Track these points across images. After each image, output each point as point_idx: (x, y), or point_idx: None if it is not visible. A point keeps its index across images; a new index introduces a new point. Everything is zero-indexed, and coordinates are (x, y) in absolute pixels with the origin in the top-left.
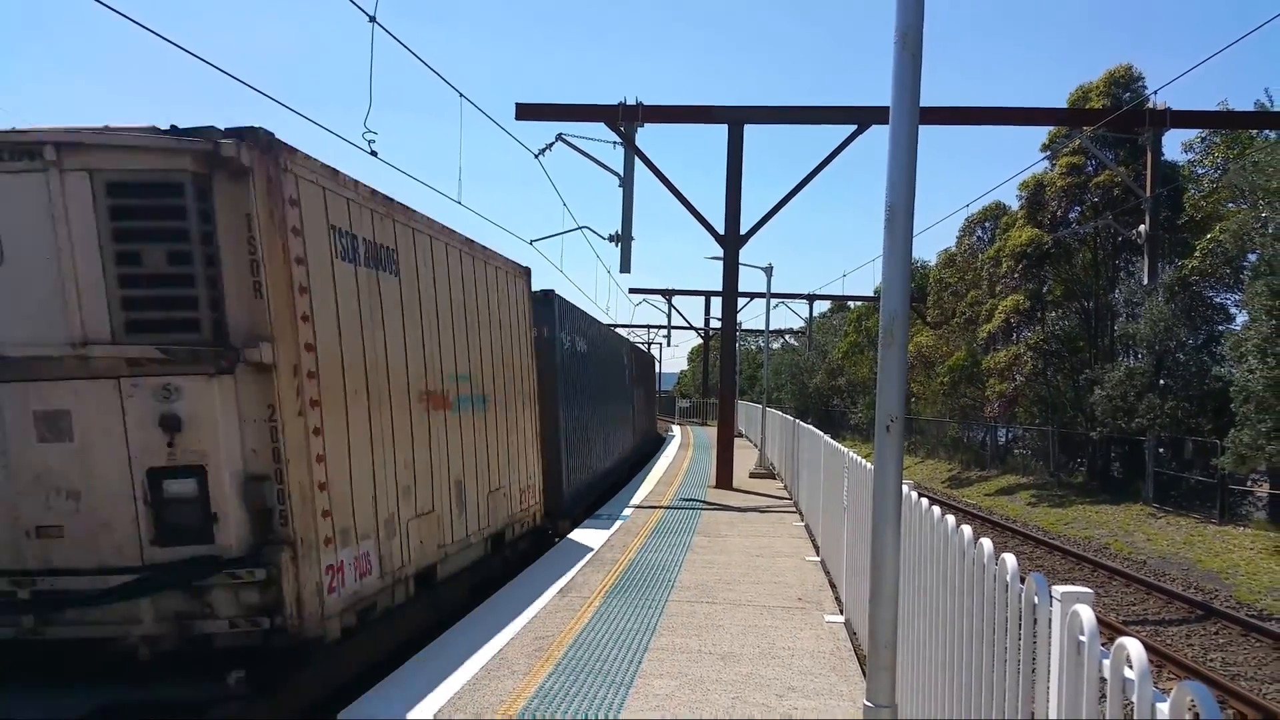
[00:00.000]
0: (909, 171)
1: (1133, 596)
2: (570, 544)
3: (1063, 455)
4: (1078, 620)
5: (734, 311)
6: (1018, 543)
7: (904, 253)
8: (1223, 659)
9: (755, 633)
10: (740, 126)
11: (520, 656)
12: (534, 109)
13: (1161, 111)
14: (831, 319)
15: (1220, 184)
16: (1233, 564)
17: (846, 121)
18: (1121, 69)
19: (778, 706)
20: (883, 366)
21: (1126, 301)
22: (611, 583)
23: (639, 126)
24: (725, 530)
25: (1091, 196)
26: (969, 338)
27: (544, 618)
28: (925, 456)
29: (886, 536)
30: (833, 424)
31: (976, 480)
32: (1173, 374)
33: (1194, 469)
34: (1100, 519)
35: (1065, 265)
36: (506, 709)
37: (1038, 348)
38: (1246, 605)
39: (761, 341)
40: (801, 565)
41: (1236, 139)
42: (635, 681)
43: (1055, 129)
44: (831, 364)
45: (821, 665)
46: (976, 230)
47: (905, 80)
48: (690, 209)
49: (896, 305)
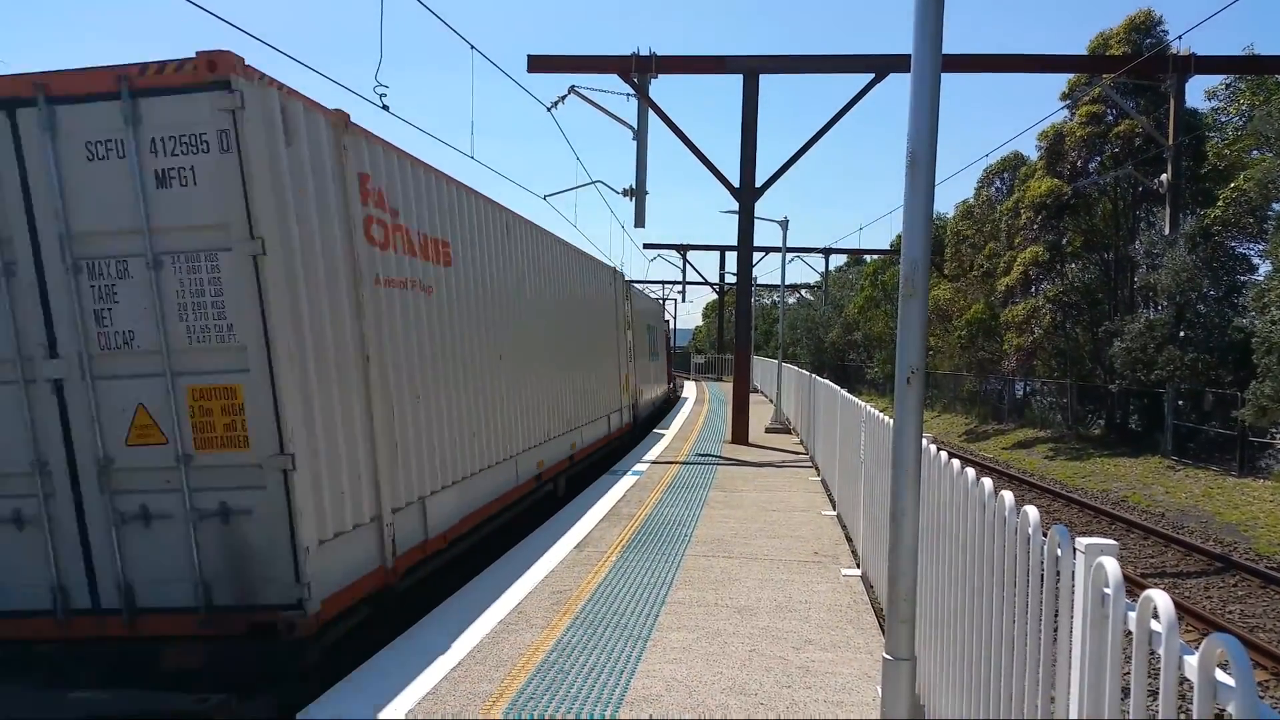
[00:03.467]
0: (931, 117)
1: (1151, 549)
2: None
3: (1081, 408)
4: (1103, 573)
5: (749, 265)
6: (1035, 495)
7: (926, 201)
8: (1241, 611)
9: (772, 586)
10: (755, 77)
11: (539, 610)
12: (546, 61)
13: (1185, 57)
14: (847, 273)
15: (1245, 131)
16: (1252, 516)
17: (864, 70)
18: (1141, 14)
19: (794, 659)
20: (903, 317)
21: (1147, 252)
22: (628, 537)
23: (653, 78)
24: (741, 485)
25: (1112, 146)
26: (987, 290)
27: (561, 572)
28: (942, 410)
29: (906, 489)
30: (848, 379)
31: (994, 434)
32: (1193, 326)
33: (1213, 421)
34: (1119, 472)
35: (1085, 216)
36: (526, 660)
37: (1056, 300)
38: (1266, 558)
39: (777, 296)
40: (818, 519)
41: (1262, 85)
42: (653, 635)
43: (1075, 77)
44: (847, 319)
45: (838, 618)
46: (995, 181)
47: (928, 23)
48: (705, 161)
49: (918, 254)
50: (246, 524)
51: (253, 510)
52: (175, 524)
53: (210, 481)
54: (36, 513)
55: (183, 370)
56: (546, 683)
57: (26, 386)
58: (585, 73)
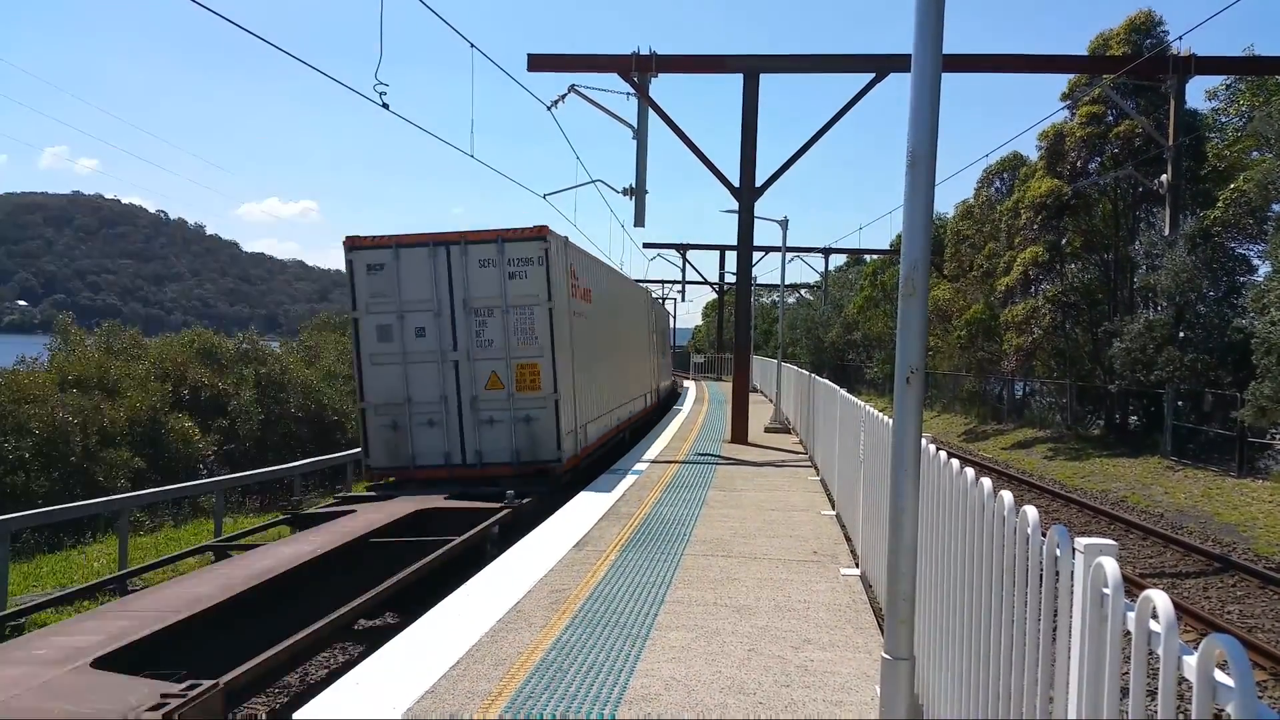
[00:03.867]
0: (931, 117)
1: (1150, 549)
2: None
3: (1080, 408)
4: (1101, 573)
5: (749, 265)
6: (1034, 496)
7: (926, 200)
8: (1240, 611)
9: (771, 586)
10: (755, 76)
11: (537, 609)
12: (546, 59)
13: (1186, 58)
14: (847, 273)
15: (1245, 132)
16: (1251, 517)
17: (864, 70)
18: (1142, 15)
19: (793, 658)
20: (903, 317)
21: (1147, 253)
22: (627, 536)
23: (652, 77)
24: (741, 485)
25: (1112, 147)
26: (986, 291)
27: (560, 571)
28: (941, 410)
29: (905, 489)
30: (848, 379)
31: (993, 434)
32: (1193, 326)
33: (1213, 422)
34: (1118, 472)
35: (1085, 216)
36: (525, 659)
37: (1056, 300)
38: (1265, 558)
39: (776, 296)
40: (817, 519)
41: (1262, 85)
42: (651, 634)
43: (1076, 77)
44: (847, 318)
45: (837, 618)
46: (995, 181)
47: (928, 23)
48: (705, 160)
49: (918, 254)
50: (536, 425)
51: (540, 419)
52: (504, 425)
53: (521, 406)
54: (440, 420)
55: (512, 357)
56: (545, 682)
57: (441, 365)
58: (585, 71)
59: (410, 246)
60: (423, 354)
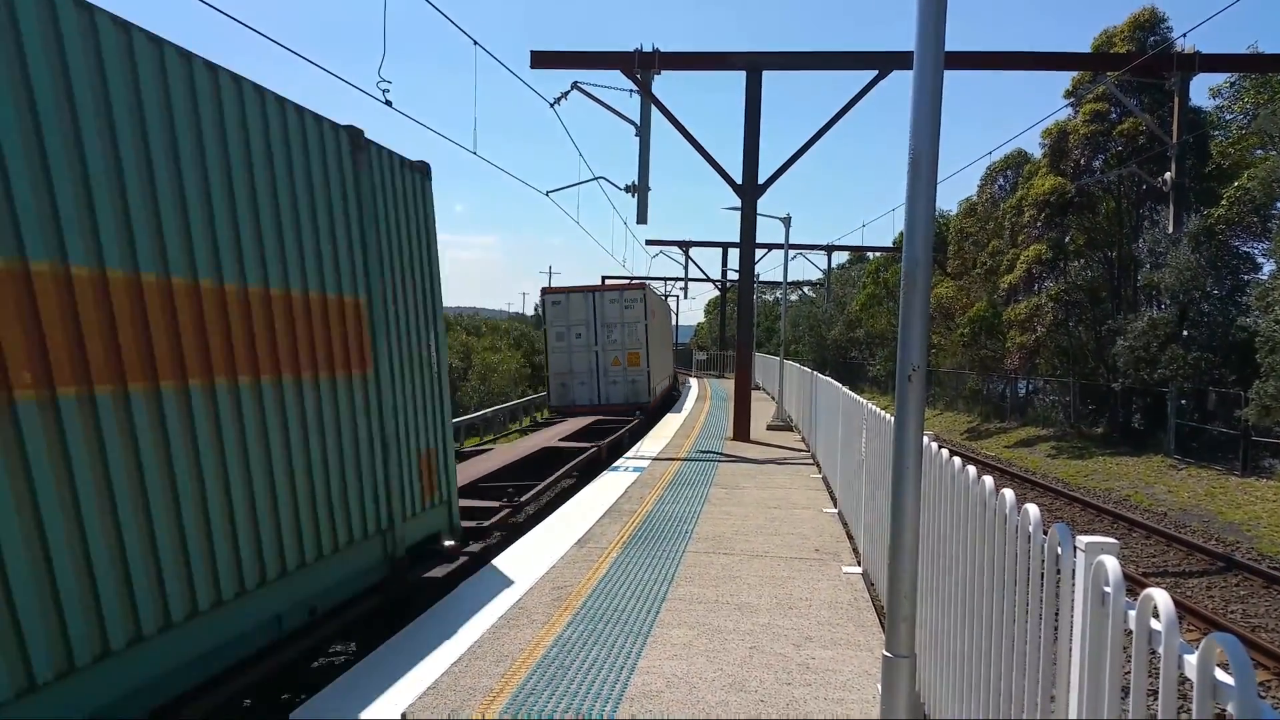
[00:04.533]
0: (933, 114)
1: (1153, 548)
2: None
3: (1083, 407)
4: (1103, 571)
5: (751, 262)
6: (1036, 494)
7: (927, 199)
8: (1243, 610)
9: (773, 584)
10: (758, 73)
11: (539, 606)
12: (549, 56)
13: (1190, 55)
14: (850, 270)
15: (1249, 130)
16: (1255, 516)
17: (867, 67)
18: (1146, 12)
19: (795, 656)
20: (904, 315)
21: (1151, 251)
22: (629, 534)
23: (655, 74)
24: (743, 482)
25: (1115, 144)
26: (989, 288)
27: (562, 568)
28: (944, 409)
29: (907, 487)
30: (850, 376)
31: (996, 432)
32: (1197, 324)
33: (1216, 421)
34: (1121, 471)
35: (1088, 214)
36: (526, 656)
37: (1059, 298)
38: (1269, 558)
39: (779, 294)
40: (819, 517)
41: (1267, 83)
42: (653, 631)
43: (1079, 75)
44: (850, 316)
45: (839, 615)
46: (998, 179)
47: (929, 20)
48: (707, 157)
49: (919, 252)
50: (637, 384)
51: (639, 380)
52: (621, 384)
53: (630, 375)
54: (588, 382)
55: (626, 349)
56: (547, 679)
57: (588, 352)
58: (588, 68)
59: (574, 293)
60: (580, 347)
